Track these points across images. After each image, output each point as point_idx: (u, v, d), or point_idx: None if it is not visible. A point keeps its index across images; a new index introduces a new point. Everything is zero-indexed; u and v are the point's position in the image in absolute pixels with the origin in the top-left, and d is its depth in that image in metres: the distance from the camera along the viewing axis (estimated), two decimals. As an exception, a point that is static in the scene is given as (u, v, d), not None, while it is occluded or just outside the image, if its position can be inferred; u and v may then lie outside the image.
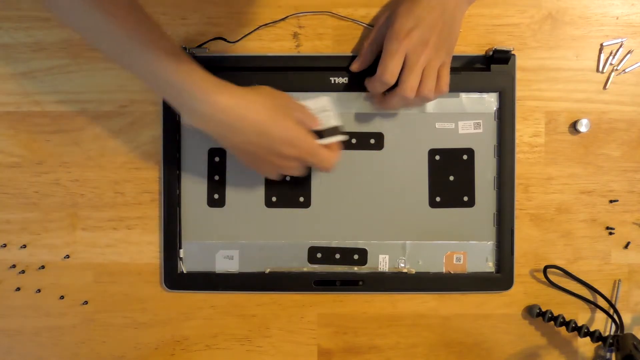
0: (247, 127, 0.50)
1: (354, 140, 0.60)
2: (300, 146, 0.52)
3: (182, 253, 0.61)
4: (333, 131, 0.55)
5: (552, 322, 0.59)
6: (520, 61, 0.60)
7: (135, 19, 0.48)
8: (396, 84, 0.54)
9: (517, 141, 0.60)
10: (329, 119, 0.55)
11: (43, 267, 0.61)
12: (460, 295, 0.61)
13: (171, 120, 0.60)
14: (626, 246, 0.61)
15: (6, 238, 0.61)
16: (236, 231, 0.60)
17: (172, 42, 0.49)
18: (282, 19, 0.60)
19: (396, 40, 0.52)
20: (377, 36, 0.56)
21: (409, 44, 0.52)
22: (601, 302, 0.60)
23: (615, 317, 0.59)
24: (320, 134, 0.54)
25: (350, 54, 0.59)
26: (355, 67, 0.59)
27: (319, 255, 0.61)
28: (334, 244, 0.61)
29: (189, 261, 0.61)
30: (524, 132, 0.61)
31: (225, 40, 0.60)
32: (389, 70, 0.53)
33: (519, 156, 0.60)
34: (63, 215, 0.61)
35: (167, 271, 0.61)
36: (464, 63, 0.60)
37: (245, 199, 0.60)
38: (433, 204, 0.60)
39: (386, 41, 0.53)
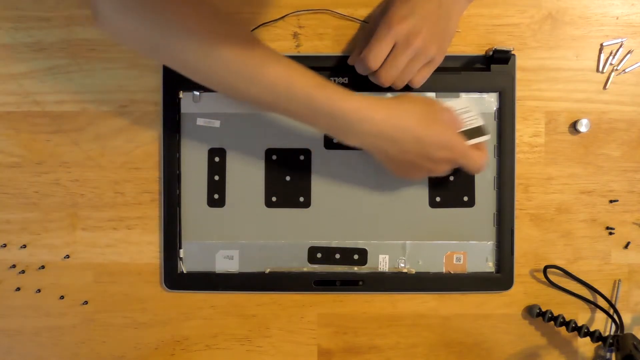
0: (404, 136, 0.51)
1: (354, 140, 0.60)
2: (453, 149, 0.52)
3: (182, 253, 0.61)
4: (478, 131, 0.55)
5: (552, 322, 0.59)
6: (520, 61, 0.60)
7: (282, 59, 0.49)
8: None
9: (517, 141, 0.60)
10: (473, 119, 0.55)
11: (43, 267, 0.61)
12: (460, 295, 0.61)
13: (171, 120, 0.60)
14: (626, 246, 0.61)
15: (6, 238, 0.61)
16: (236, 231, 0.60)
17: (307, 69, 0.50)
18: (282, 18, 0.60)
19: (387, 27, 0.52)
20: (373, 28, 0.56)
21: (399, 30, 0.52)
22: (601, 302, 0.60)
23: (615, 317, 0.59)
24: (466, 134, 0.54)
25: (350, 54, 0.59)
26: (351, 60, 0.58)
27: (319, 255, 0.61)
28: (334, 244, 0.61)
29: (189, 261, 0.61)
30: (524, 132, 0.61)
31: (225, 40, 0.60)
32: (373, 55, 0.53)
33: (519, 156, 0.60)
34: (63, 215, 0.61)
35: (167, 271, 0.61)
36: (464, 63, 0.60)
37: (245, 199, 0.60)
38: (433, 204, 0.60)
39: (378, 27, 0.53)
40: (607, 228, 0.61)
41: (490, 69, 0.59)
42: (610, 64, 0.61)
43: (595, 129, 0.61)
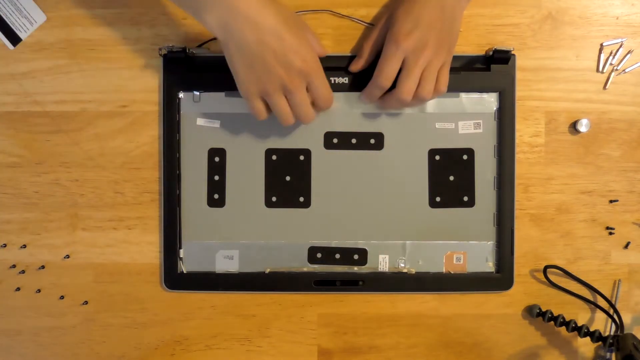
0: (266, 23, 0.48)
1: (354, 140, 0.60)
2: (309, 61, 0.51)
3: (182, 253, 0.61)
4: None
5: (552, 322, 0.59)
6: (520, 61, 0.60)
7: None
8: (394, 86, 0.54)
9: (517, 141, 0.60)
10: None
11: (43, 267, 0.61)
12: (460, 295, 0.61)
13: (171, 120, 0.60)
14: (626, 246, 0.61)
15: (6, 238, 0.61)
16: (236, 231, 0.60)
17: None
18: (282, 19, 0.60)
19: (395, 44, 0.52)
20: (377, 37, 0.56)
21: (407, 46, 0.52)
22: (601, 302, 0.60)
23: (615, 317, 0.59)
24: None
25: (350, 54, 0.59)
26: (354, 67, 0.58)
27: (319, 255, 0.61)
28: (334, 244, 0.61)
29: (189, 261, 0.61)
30: (524, 132, 0.61)
31: (225, 40, 0.60)
32: (385, 74, 0.53)
33: (519, 156, 0.60)
34: (63, 215, 0.61)
35: (167, 271, 0.61)
36: (464, 63, 0.60)
37: (245, 199, 0.60)
38: (433, 204, 0.60)
39: (385, 44, 0.54)
40: (607, 228, 0.61)
41: (490, 69, 0.59)
42: (610, 64, 0.61)
43: (595, 129, 0.61)
